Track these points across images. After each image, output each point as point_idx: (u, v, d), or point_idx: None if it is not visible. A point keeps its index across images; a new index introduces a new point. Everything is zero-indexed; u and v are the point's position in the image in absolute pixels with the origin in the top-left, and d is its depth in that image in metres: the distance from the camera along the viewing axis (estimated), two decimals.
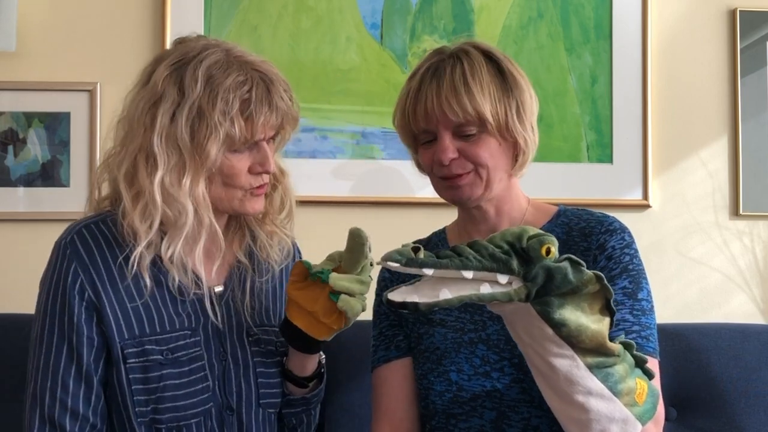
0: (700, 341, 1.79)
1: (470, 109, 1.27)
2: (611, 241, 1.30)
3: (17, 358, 1.75)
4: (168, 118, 1.22)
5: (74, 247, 1.25)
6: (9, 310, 1.86)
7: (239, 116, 1.22)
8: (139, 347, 1.24)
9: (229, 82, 1.22)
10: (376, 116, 2.10)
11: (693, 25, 2.18)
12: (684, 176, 2.16)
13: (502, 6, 2.14)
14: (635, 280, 1.28)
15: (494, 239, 1.00)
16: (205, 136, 1.21)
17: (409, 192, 2.09)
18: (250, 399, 1.31)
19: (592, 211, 1.38)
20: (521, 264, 0.98)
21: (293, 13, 2.11)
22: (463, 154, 1.30)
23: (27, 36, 2.05)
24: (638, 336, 1.24)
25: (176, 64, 1.25)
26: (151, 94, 1.25)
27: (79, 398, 1.22)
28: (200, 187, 1.23)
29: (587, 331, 1.00)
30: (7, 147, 2.04)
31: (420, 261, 0.95)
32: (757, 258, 2.17)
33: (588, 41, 2.15)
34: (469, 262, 0.96)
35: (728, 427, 1.72)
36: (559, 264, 0.98)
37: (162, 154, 1.22)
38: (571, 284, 0.98)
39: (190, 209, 1.22)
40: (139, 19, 2.08)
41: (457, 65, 1.30)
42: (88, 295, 1.23)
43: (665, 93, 2.16)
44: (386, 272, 1.45)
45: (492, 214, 1.37)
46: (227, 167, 1.25)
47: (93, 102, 2.04)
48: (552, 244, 0.98)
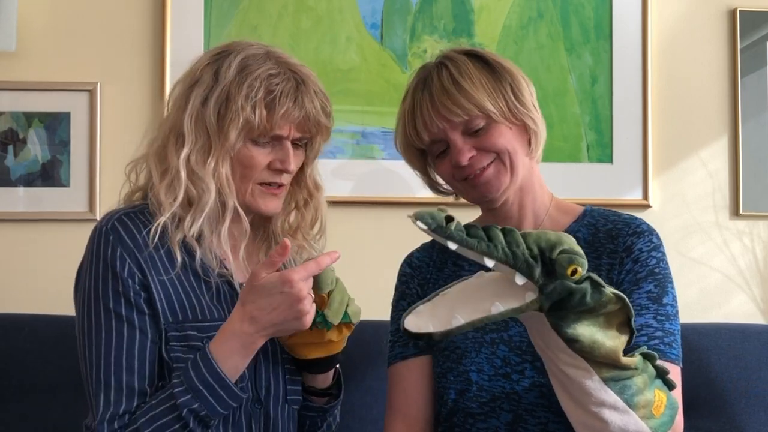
0: (700, 341, 1.79)
1: (468, 105, 1.26)
2: (638, 244, 1.28)
3: (17, 358, 1.75)
4: (200, 100, 1.27)
5: (117, 233, 1.25)
6: (9, 310, 1.86)
7: (261, 104, 1.25)
8: (181, 332, 1.24)
9: (259, 72, 1.26)
10: (376, 116, 2.10)
11: (693, 25, 2.18)
12: (684, 176, 2.16)
13: (502, 6, 2.14)
14: (661, 284, 1.27)
15: (529, 238, 0.97)
16: (228, 120, 1.25)
17: (409, 192, 2.09)
18: (278, 394, 1.32)
19: (620, 212, 1.36)
20: (543, 274, 0.95)
21: (293, 13, 2.11)
22: (481, 149, 1.29)
23: (27, 36, 2.05)
24: (661, 342, 1.22)
25: (218, 54, 1.31)
26: (190, 78, 1.31)
27: (145, 377, 1.22)
28: (224, 170, 1.27)
29: (601, 348, 0.98)
30: (7, 147, 2.04)
31: (448, 232, 0.92)
32: (757, 258, 2.17)
33: (588, 41, 2.15)
34: (495, 251, 0.93)
35: (728, 427, 1.72)
36: (580, 285, 0.96)
37: (190, 133, 1.27)
38: (588, 306, 0.97)
39: (212, 188, 1.26)
40: (139, 19, 2.08)
41: (443, 70, 1.30)
42: (138, 278, 1.24)
43: (665, 93, 2.16)
44: (407, 267, 1.44)
45: (515, 207, 1.35)
46: (246, 157, 1.28)
47: (93, 102, 2.04)
48: (580, 265, 0.96)
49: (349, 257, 2.06)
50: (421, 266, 1.43)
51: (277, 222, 1.39)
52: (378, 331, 1.71)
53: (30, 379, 1.74)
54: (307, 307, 1.20)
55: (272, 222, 1.39)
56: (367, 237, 2.09)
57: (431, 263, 1.42)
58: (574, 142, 2.14)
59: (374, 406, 1.71)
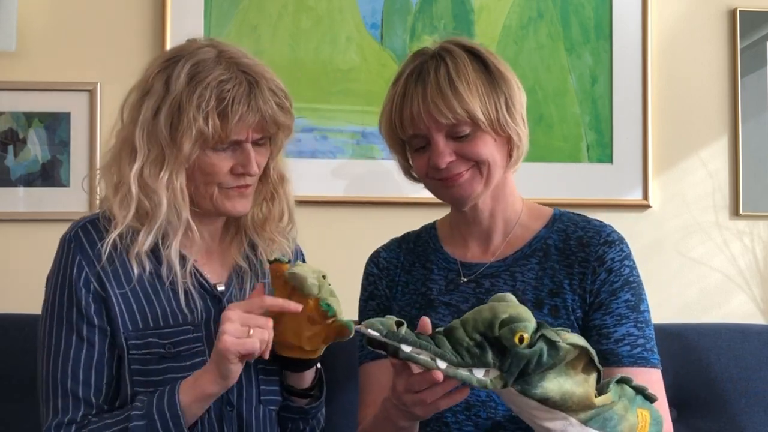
0: (700, 341, 1.79)
1: (459, 110, 1.23)
2: (610, 253, 1.29)
3: (18, 358, 1.75)
4: (151, 112, 1.25)
5: (78, 241, 1.26)
6: (9, 310, 1.85)
7: (214, 113, 1.22)
8: (141, 339, 1.25)
9: (209, 80, 1.23)
10: (376, 116, 2.05)
11: (693, 25, 2.18)
12: (684, 176, 2.16)
13: (502, 6, 2.14)
14: (636, 292, 1.29)
15: (467, 327, 0.99)
16: (180, 132, 1.23)
17: (409, 192, 2.08)
18: (251, 396, 1.31)
19: (588, 217, 1.37)
20: (495, 354, 0.98)
21: (293, 13, 2.11)
22: (461, 155, 1.27)
23: (27, 36, 2.04)
24: (644, 349, 1.25)
25: (168, 60, 1.28)
26: (142, 88, 1.29)
27: (91, 388, 1.23)
28: (178, 182, 1.25)
29: (573, 397, 1.00)
30: (7, 147, 2.04)
31: (400, 336, 0.96)
32: (757, 258, 2.17)
33: (588, 41, 2.15)
34: (446, 354, 0.97)
35: (728, 427, 1.72)
36: (534, 348, 0.97)
37: (142, 147, 1.25)
38: (547, 365, 0.98)
39: (164, 202, 1.24)
40: (139, 19, 2.08)
41: (440, 65, 1.27)
42: (94, 287, 1.24)
43: (665, 93, 2.16)
44: (374, 268, 1.44)
45: (486, 215, 1.35)
46: (207, 165, 1.26)
47: (93, 102, 2.04)
48: (524, 330, 0.97)
49: (349, 257, 2.06)
50: (389, 267, 1.43)
51: (247, 217, 1.37)
52: None
53: (30, 379, 1.74)
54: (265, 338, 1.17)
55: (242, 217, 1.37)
56: (367, 237, 2.08)
57: (399, 265, 1.42)
58: (574, 142, 2.14)
59: None
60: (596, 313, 1.27)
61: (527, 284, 1.30)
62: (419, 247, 1.43)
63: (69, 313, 1.24)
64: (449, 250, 1.39)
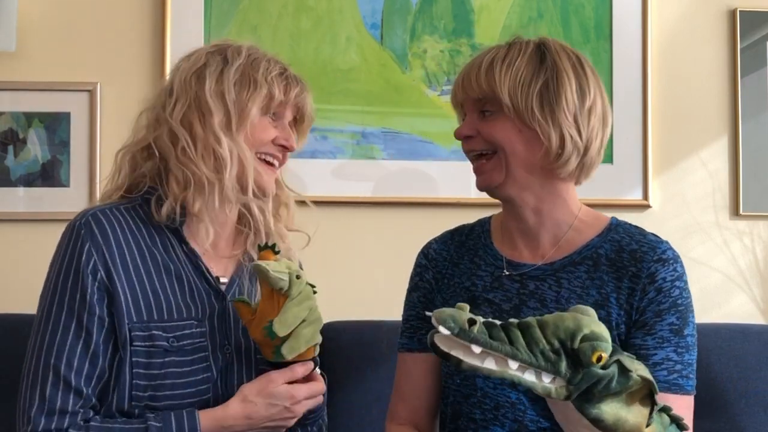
0: (700, 341, 1.77)
1: (485, 86, 1.26)
2: (662, 272, 1.25)
3: (17, 358, 1.75)
4: (215, 78, 1.32)
5: (89, 228, 1.26)
6: (9, 310, 1.85)
7: (278, 80, 1.33)
8: (146, 332, 1.25)
9: (269, 57, 1.36)
10: (376, 116, 2.10)
11: (693, 25, 2.18)
12: (684, 176, 2.16)
13: (502, 6, 2.14)
14: (683, 315, 1.25)
15: (547, 331, 0.97)
16: (248, 94, 1.31)
17: (410, 192, 2.09)
18: None
19: (645, 231, 1.33)
20: (569, 366, 0.96)
21: (293, 13, 2.11)
22: (480, 133, 1.29)
23: (27, 36, 2.05)
24: (680, 376, 1.23)
25: (217, 45, 1.38)
26: (194, 63, 1.34)
27: (82, 376, 1.23)
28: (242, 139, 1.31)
29: (626, 425, 0.99)
30: (7, 147, 2.04)
31: (472, 336, 0.93)
32: (758, 258, 2.17)
33: (588, 41, 2.15)
34: (519, 354, 0.94)
35: (728, 427, 1.72)
36: (607, 371, 0.96)
37: (214, 105, 1.30)
38: (614, 390, 0.98)
39: (235, 156, 1.30)
40: (139, 19, 2.08)
41: (503, 48, 1.30)
42: (100, 276, 1.25)
43: (665, 93, 2.16)
44: (423, 258, 1.42)
45: (530, 216, 1.32)
46: (259, 129, 1.33)
47: (93, 102, 2.04)
48: (604, 350, 0.96)
49: (350, 257, 2.07)
50: (438, 259, 1.41)
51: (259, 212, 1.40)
52: (377, 332, 1.72)
53: None
54: (299, 412, 1.28)
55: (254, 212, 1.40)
56: (367, 237, 2.09)
57: (448, 257, 1.40)
58: None
59: (374, 406, 1.71)
60: (639, 332, 1.24)
61: (572, 292, 1.27)
62: (470, 241, 1.41)
63: (71, 300, 1.24)
64: (499, 248, 1.37)
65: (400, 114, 2.10)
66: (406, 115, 2.10)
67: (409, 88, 2.11)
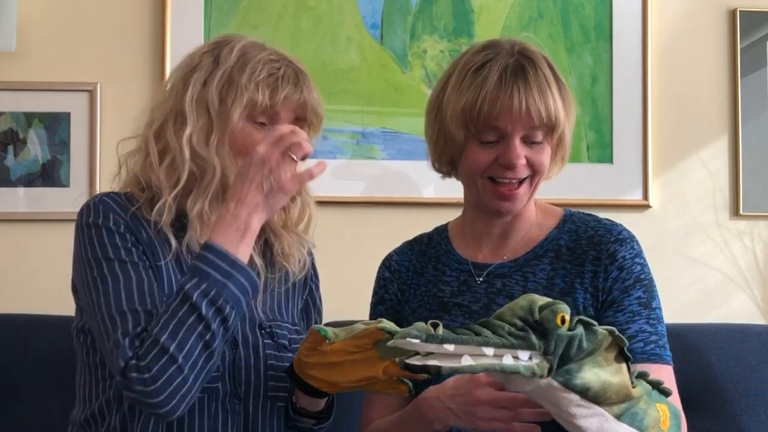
0: (700, 341, 1.79)
1: (553, 113, 1.23)
2: (621, 251, 1.29)
3: (17, 358, 1.75)
4: (201, 83, 1.29)
5: (107, 205, 1.27)
6: (9, 310, 1.86)
7: (264, 83, 1.28)
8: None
9: (260, 57, 1.30)
10: (376, 116, 2.10)
11: (693, 25, 2.18)
12: (684, 176, 2.16)
13: (502, 6, 2.14)
14: (648, 289, 1.29)
15: (504, 316, 0.98)
16: (231, 100, 1.27)
17: (410, 192, 2.09)
18: (258, 389, 1.30)
19: (599, 217, 1.37)
20: (539, 337, 0.97)
21: (293, 13, 2.11)
22: (529, 161, 1.26)
23: (27, 36, 2.04)
24: (656, 345, 1.25)
25: (216, 42, 1.35)
26: (188, 64, 1.33)
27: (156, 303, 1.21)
28: (225, 148, 1.28)
29: (612, 387, 1.00)
30: (7, 147, 2.04)
31: (441, 337, 0.92)
32: (758, 258, 2.17)
33: (588, 41, 2.15)
34: (490, 339, 0.94)
35: (728, 427, 1.72)
36: (575, 331, 0.98)
37: (192, 114, 1.28)
38: (587, 350, 0.98)
39: (217, 166, 1.27)
40: (139, 19, 2.08)
41: (538, 66, 1.26)
42: (129, 236, 1.25)
43: (665, 93, 2.16)
44: (385, 271, 1.43)
45: (509, 221, 1.34)
46: (245, 135, 1.28)
47: (93, 102, 2.04)
48: (565, 312, 0.97)
49: (350, 257, 2.07)
50: (401, 270, 1.42)
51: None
52: None
53: (30, 379, 1.74)
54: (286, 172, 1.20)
55: None
56: (367, 237, 2.09)
57: (411, 267, 1.41)
58: (574, 142, 2.11)
59: None
60: (608, 310, 1.27)
61: (538, 284, 1.30)
62: (431, 249, 1.42)
63: (116, 252, 1.23)
64: (461, 252, 1.38)
65: (400, 114, 2.10)
66: (406, 115, 2.10)
67: (409, 88, 2.11)
